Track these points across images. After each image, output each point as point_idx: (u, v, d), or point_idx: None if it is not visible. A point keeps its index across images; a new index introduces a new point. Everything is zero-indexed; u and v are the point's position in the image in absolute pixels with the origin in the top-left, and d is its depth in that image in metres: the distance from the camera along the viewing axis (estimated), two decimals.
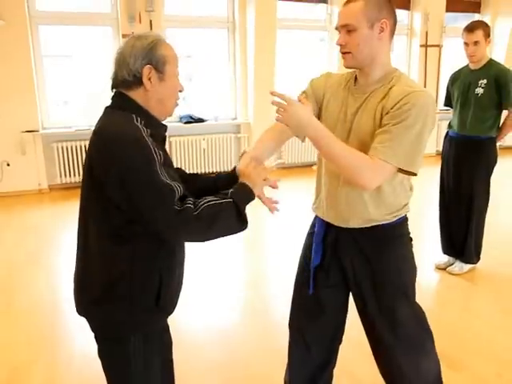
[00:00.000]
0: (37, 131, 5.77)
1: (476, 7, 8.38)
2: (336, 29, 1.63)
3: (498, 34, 8.19)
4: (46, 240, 4.46)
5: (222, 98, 6.99)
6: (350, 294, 1.89)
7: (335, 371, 2.07)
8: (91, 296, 1.44)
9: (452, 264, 3.66)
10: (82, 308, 1.49)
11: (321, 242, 1.81)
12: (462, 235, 3.55)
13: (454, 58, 3.32)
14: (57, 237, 4.55)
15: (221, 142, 6.76)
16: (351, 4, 1.57)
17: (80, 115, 6.00)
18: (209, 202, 1.36)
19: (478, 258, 3.64)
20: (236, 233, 1.41)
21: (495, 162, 3.44)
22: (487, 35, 3.19)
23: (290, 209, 5.31)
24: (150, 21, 5.98)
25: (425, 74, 7.79)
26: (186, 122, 6.50)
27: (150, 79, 1.39)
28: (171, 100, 1.49)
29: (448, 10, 7.83)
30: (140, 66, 1.38)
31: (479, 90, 3.28)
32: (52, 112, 6.09)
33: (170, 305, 1.53)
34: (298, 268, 1.97)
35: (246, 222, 1.42)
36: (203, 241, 1.41)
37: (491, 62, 3.32)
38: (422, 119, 1.51)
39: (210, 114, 6.74)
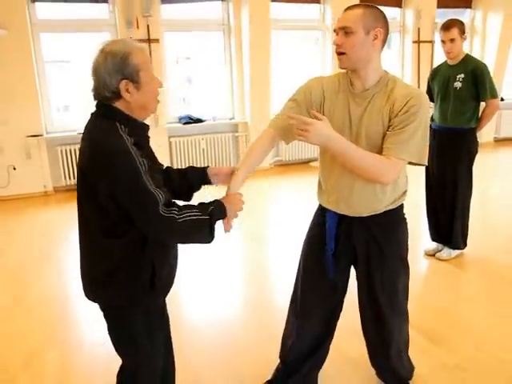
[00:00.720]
0: (41, 135, 5.96)
1: (467, 2, 8.44)
2: (334, 31, 1.80)
3: (490, 28, 8.32)
4: (54, 238, 4.67)
5: (220, 99, 7.14)
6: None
7: None
8: (95, 283, 1.65)
9: (440, 250, 3.83)
10: (90, 293, 1.68)
11: (334, 231, 1.98)
12: (448, 222, 3.72)
13: None
14: (64, 235, 4.74)
15: (219, 141, 6.92)
16: (351, 10, 1.75)
17: (82, 119, 6.18)
18: (192, 215, 1.51)
19: (465, 244, 3.81)
20: (203, 243, 1.59)
21: (476, 152, 3.60)
22: (462, 32, 3.37)
23: (289, 204, 5.50)
24: (148, 25, 6.14)
25: (418, 70, 7.91)
26: (185, 123, 6.67)
27: (127, 91, 1.48)
28: (152, 101, 1.58)
29: (439, 5, 7.91)
30: (116, 82, 1.47)
31: (458, 84, 3.45)
32: (55, 116, 6.29)
33: (164, 288, 1.72)
34: (305, 255, 2.12)
35: (213, 238, 1.59)
36: (177, 243, 1.65)
37: (468, 57, 3.49)
38: (424, 117, 1.75)
39: (209, 115, 6.90)
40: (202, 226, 1.54)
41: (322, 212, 2.06)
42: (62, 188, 6.21)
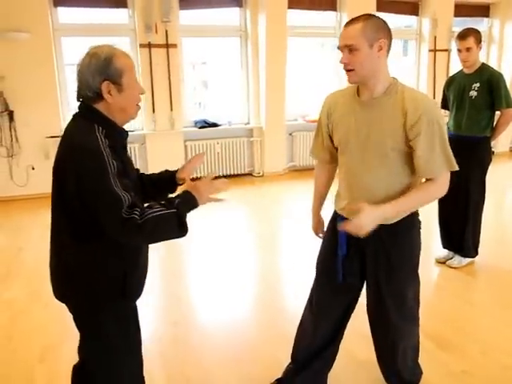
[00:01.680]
0: (59, 136, 6.06)
1: (485, 11, 8.45)
2: (338, 48, 1.83)
3: (507, 37, 8.30)
4: None
5: (236, 104, 7.23)
6: None
7: None
8: (65, 288, 1.67)
9: (451, 258, 3.84)
10: (59, 296, 1.70)
11: (346, 236, 2.00)
12: (460, 231, 3.72)
13: None
14: None
15: (234, 145, 7.01)
16: (351, 26, 1.76)
17: None
18: (154, 212, 1.47)
19: (476, 252, 3.80)
20: (176, 238, 1.55)
21: (490, 161, 3.61)
22: (478, 41, 3.39)
23: (302, 208, 5.53)
24: (166, 31, 6.24)
25: (434, 78, 7.90)
26: (200, 127, 6.77)
27: (109, 93, 1.52)
28: (132, 106, 1.61)
29: (456, 14, 7.92)
30: (98, 82, 1.50)
31: (473, 93, 3.47)
32: None
33: (135, 293, 1.71)
34: (320, 257, 2.18)
35: (187, 230, 1.53)
36: (146, 244, 1.64)
37: (484, 67, 3.51)
38: (440, 123, 1.81)
39: (224, 119, 6.99)
40: (169, 220, 1.49)
41: (334, 216, 2.12)
42: None
